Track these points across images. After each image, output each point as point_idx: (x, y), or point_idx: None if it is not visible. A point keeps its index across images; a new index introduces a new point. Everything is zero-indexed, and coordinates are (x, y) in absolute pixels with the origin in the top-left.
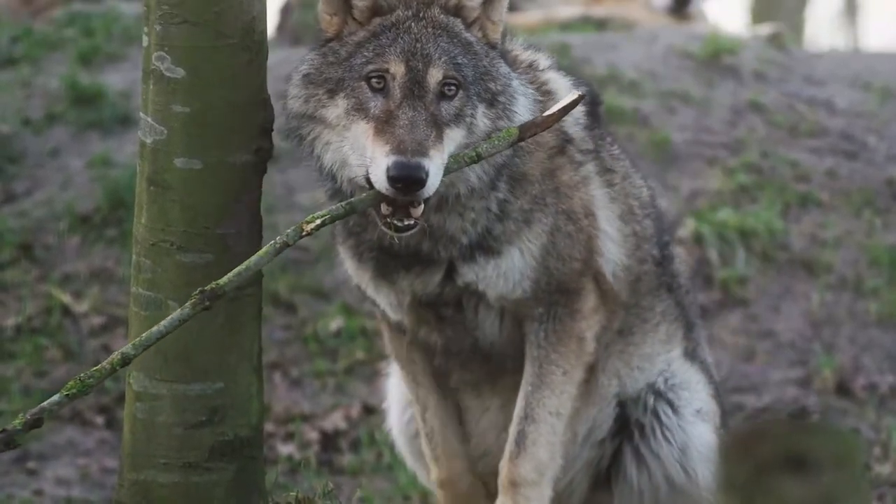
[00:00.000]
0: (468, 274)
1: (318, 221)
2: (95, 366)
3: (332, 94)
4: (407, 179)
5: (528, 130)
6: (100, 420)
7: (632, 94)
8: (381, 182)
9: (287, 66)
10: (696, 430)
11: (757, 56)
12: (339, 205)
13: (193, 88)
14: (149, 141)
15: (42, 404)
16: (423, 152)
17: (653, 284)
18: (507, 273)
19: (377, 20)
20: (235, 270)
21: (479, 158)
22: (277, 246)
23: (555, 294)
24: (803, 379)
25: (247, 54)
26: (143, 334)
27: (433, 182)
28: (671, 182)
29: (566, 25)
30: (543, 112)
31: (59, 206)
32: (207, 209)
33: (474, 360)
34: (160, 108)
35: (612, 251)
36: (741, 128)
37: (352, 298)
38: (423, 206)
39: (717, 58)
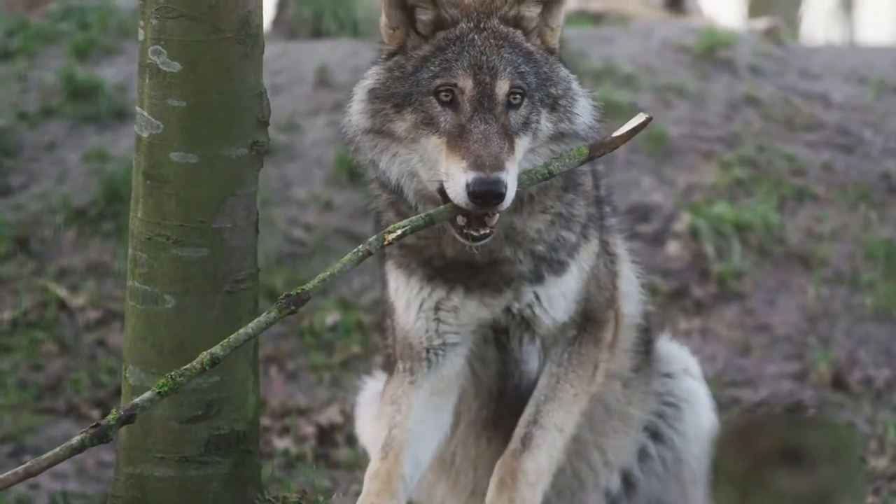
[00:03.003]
0: (528, 294)
1: (399, 231)
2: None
3: (399, 108)
4: (487, 194)
5: (598, 150)
6: (96, 414)
7: (628, 88)
8: (460, 197)
9: (283, 60)
10: (684, 384)
11: (753, 50)
12: (418, 216)
13: (189, 82)
14: (145, 135)
15: (134, 401)
16: (501, 166)
17: (654, 334)
18: (566, 293)
19: (441, 34)
20: (319, 277)
21: (550, 175)
22: (360, 254)
23: (584, 321)
24: (799, 373)
25: (243, 48)
26: (231, 336)
27: (511, 195)
28: (667, 176)
29: None
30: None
31: (56, 200)
32: (203, 203)
33: (521, 403)
34: (156, 102)
35: (630, 292)
36: (737, 122)
37: (348, 293)
38: (497, 215)
39: (712, 52)
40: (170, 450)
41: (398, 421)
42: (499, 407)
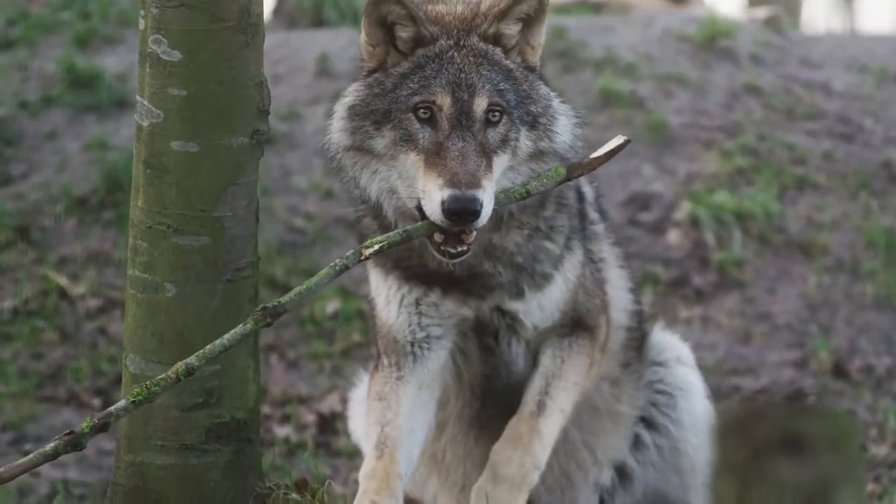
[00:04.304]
0: (513, 301)
1: (377, 247)
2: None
3: (378, 125)
4: (462, 212)
5: (576, 171)
6: (96, 402)
7: (628, 77)
8: (436, 214)
9: (284, 50)
10: (677, 372)
11: (754, 39)
12: (395, 232)
13: (190, 71)
14: (145, 124)
15: (109, 409)
16: (477, 184)
17: (645, 331)
18: (545, 305)
19: (420, 51)
20: (296, 290)
21: (528, 195)
22: (337, 269)
23: (574, 326)
24: (800, 361)
25: (243, 37)
26: (207, 347)
27: (486, 212)
28: (668, 165)
29: (563, 9)
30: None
31: (56, 189)
32: (204, 192)
33: (511, 402)
34: (157, 91)
35: (618, 297)
36: (738, 111)
37: (349, 281)
38: (474, 232)
39: (713, 41)
40: (170, 438)
41: (389, 418)
42: (484, 406)
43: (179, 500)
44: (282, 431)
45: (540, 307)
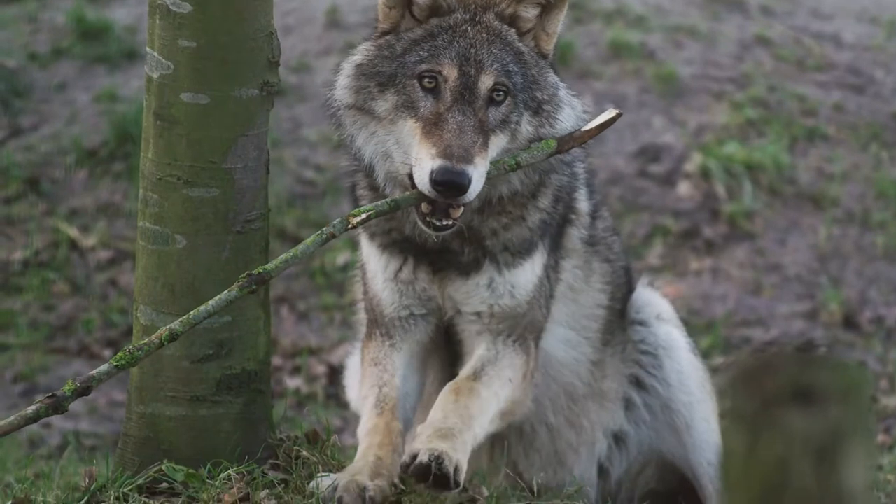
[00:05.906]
0: (461, 288)
1: (364, 216)
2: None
3: (382, 87)
4: (450, 184)
5: (566, 143)
6: (107, 353)
7: (639, 29)
8: (424, 184)
9: (294, 1)
10: (659, 330)
11: None
12: (383, 201)
13: (200, 23)
14: (155, 76)
15: (91, 373)
16: (469, 159)
17: (627, 303)
18: (497, 283)
19: (435, 20)
20: (282, 258)
21: (518, 167)
22: (324, 237)
23: (514, 330)
24: (810, 312)
25: None
26: (192, 312)
27: (475, 188)
28: (678, 116)
29: None
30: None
31: (66, 141)
32: (214, 143)
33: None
34: (167, 42)
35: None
36: (748, 62)
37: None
38: (462, 207)
39: None
40: (181, 389)
41: (386, 380)
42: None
43: (190, 451)
44: (292, 383)
45: (491, 285)
